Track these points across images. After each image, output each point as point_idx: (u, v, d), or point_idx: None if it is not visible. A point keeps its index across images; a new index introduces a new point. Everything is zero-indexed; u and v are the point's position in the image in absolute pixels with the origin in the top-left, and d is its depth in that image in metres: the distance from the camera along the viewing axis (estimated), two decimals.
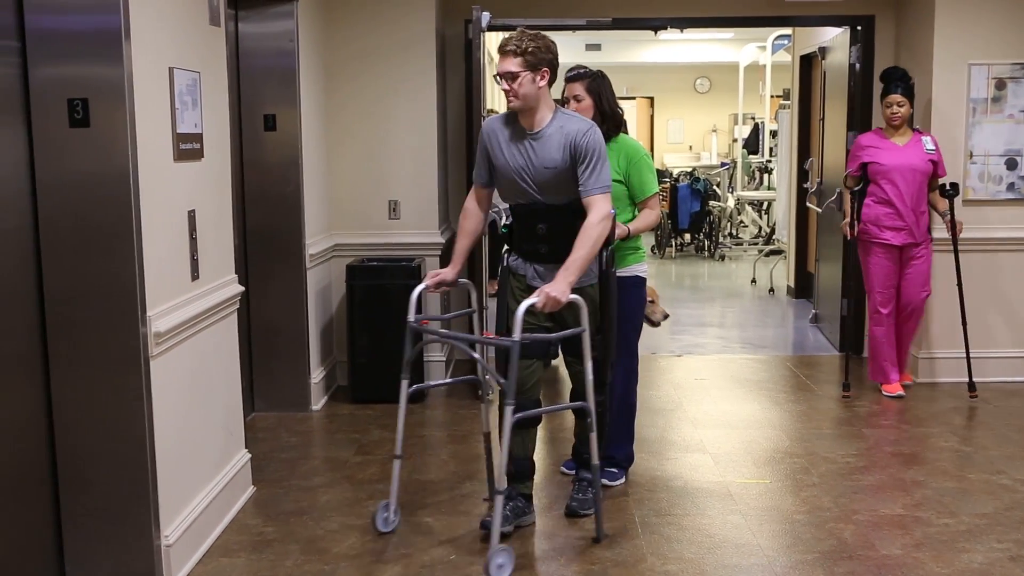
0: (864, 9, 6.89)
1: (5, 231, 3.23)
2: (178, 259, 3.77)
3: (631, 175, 4.42)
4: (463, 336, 4.22)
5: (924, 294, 6.10)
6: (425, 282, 4.13)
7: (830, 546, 3.97)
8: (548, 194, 3.95)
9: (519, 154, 3.95)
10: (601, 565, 3.82)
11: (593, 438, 4.01)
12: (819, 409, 5.91)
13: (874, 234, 6.04)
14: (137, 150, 3.35)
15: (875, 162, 5.99)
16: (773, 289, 10.14)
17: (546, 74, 3.88)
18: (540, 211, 3.99)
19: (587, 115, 4.27)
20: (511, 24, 6.69)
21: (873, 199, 6.03)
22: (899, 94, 5.92)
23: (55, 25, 3.26)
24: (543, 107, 3.92)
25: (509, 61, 3.85)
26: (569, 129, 3.88)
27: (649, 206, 4.48)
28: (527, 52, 3.83)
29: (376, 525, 4.08)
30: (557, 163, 3.88)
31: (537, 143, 3.92)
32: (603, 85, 4.42)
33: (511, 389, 3.64)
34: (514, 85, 3.85)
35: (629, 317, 4.48)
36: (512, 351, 3.63)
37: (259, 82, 5.58)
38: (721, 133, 19.42)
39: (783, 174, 10.77)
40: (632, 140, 4.52)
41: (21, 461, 3.32)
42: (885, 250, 6.03)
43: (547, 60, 3.87)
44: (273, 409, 5.80)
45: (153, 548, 3.52)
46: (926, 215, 6.02)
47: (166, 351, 3.60)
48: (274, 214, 5.65)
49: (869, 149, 6.03)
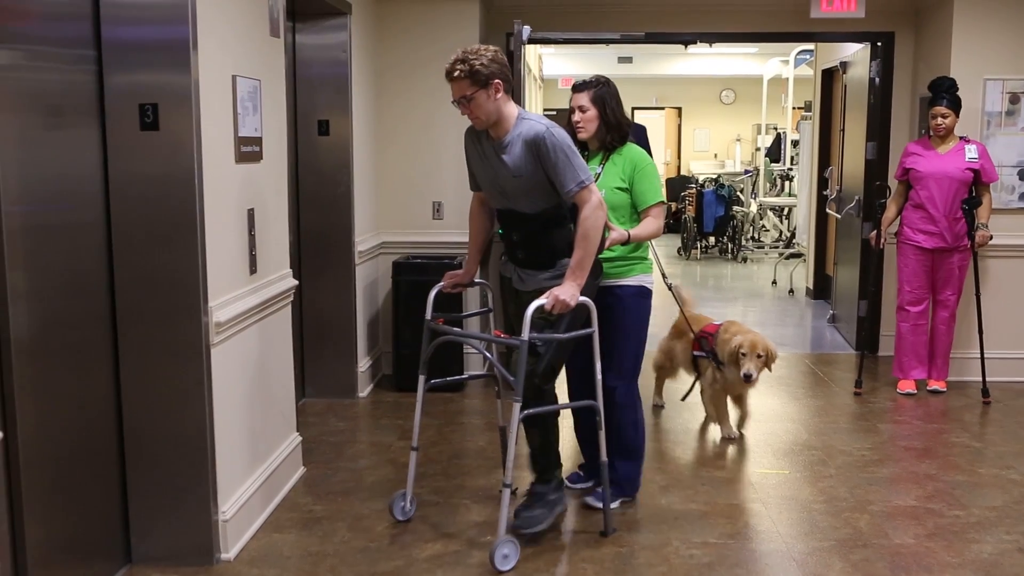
0: (884, 26, 6.82)
1: (80, 226, 3.26)
2: (238, 254, 3.80)
3: (634, 183, 4.09)
4: (475, 335, 4.02)
5: (953, 297, 6.01)
6: (442, 282, 4.03)
7: (846, 534, 3.94)
8: (520, 202, 3.72)
9: (490, 165, 3.74)
10: (629, 547, 3.81)
11: (601, 435, 3.88)
12: (836, 404, 5.86)
13: (908, 236, 5.99)
14: (202, 152, 3.38)
15: (914, 168, 5.94)
16: (793, 290, 10.06)
17: (499, 86, 3.58)
18: (515, 218, 3.78)
19: (591, 126, 4.08)
20: (550, 37, 6.70)
21: (911, 203, 5.99)
22: (944, 106, 5.81)
23: (129, 36, 3.30)
24: (505, 117, 3.65)
25: (458, 86, 3.57)
26: (527, 135, 3.60)
27: (652, 215, 4.11)
28: (473, 72, 3.53)
29: (393, 513, 4.02)
30: (523, 171, 3.62)
31: (503, 153, 3.67)
32: (608, 95, 4.12)
33: (519, 387, 3.53)
34: (472, 107, 3.60)
35: (628, 332, 4.12)
36: (520, 350, 3.52)
37: (314, 90, 5.61)
38: (745, 142, 19.27)
39: (804, 181, 10.69)
40: (638, 149, 4.18)
41: (91, 440, 3.36)
42: (917, 252, 5.97)
43: (495, 72, 3.57)
44: (323, 395, 5.83)
45: (211, 523, 3.56)
46: (962, 221, 5.88)
47: (225, 340, 3.63)
48: (326, 213, 5.68)
49: (912, 156, 5.98)
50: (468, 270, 4.09)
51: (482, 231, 4.11)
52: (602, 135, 4.11)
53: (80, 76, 3.24)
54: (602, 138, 4.12)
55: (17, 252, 2.86)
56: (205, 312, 3.44)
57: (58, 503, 3.14)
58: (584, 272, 3.62)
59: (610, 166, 4.10)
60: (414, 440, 4.04)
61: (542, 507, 3.89)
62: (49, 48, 3.09)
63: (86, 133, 3.28)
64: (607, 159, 4.13)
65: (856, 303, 7.11)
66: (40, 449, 3.01)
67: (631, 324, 4.13)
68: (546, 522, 3.88)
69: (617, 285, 4.09)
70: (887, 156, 6.88)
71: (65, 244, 3.16)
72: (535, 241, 3.76)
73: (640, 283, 4.15)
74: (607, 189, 4.04)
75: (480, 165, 3.82)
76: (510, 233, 3.85)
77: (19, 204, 2.87)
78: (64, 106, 3.16)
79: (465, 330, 4.02)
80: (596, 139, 4.14)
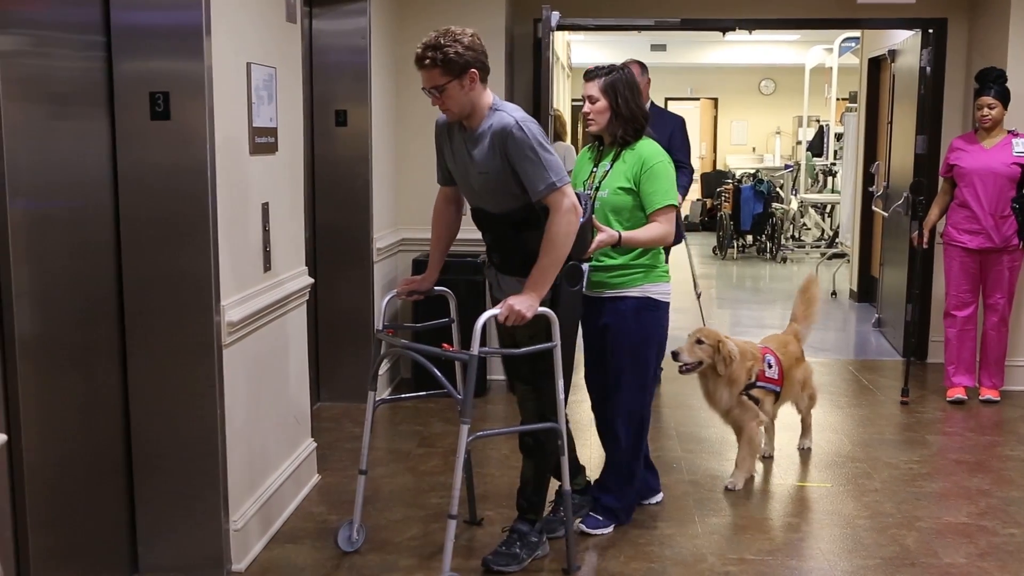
0: (936, 12, 6.76)
1: (87, 220, 3.28)
2: (251, 250, 3.81)
3: (641, 183, 3.84)
4: (422, 348, 3.60)
5: (1003, 301, 5.95)
6: (396, 289, 3.87)
7: (892, 552, 3.90)
8: (487, 201, 3.58)
9: (460, 157, 3.60)
10: (661, 564, 3.79)
11: (564, 461, 3.64)
12: (881, 414, 5.81)
13: (952, 237, 5.95)
14: (215, 143, 3.39)
15: (957, 165, 5.89)
16: (835, 292, 9.99)
17: (474, 75, 3.42)
18: (486, 218, 3.65)
19: (602, 118, 3.88)
20: (580, 23, 6.69)
21: (956, 202, 5.94)
22: (991, 96, 5.76)
23: (139, 20, 3.31)
24: (479, 107, 3.49)
25: (428, 75, 3.42)
26: (496, 128, 3.43)
27: (657, 219, 3.84)
28: (446, 61, 3.37)
29: (338, 543, 3.82)
30: (489, 168, 3.47)
31: (473, 146, 3.52)
32: (621, 83, 3.87)
33: (467, 405, 3.34)
34: (443, 98, 3.44)
35: (629, 357, 3.92)
36: (470, 364, 3.33)
37: (331, 78, 5.62)
38: (785, 135, 19.18)
39: (848, 177, 10.62)
40: (652, 145, 3.92)
41: (97, 444, 3.38)
42: (962, 253, 5.92)
43: (471, 60, 3.41)
44: (338, 399, 5.84)
45: (221, 532, 3.57)
46: (1011, 219, 5.81)
47: (238, 340, 3.64)
48: (343, 208, 5.69)
49: (956, 151, 5.94)
50: (428, 276, 3.89)
51: (446, 233, 3.92)
52: (614, 129, 3.91)
53: (89, 63, 3.26)
54: (614, 132, 3.92)
55: (21, 246, 2.88)
56: (217, 311, 3.45)
57: (62, 509, 3.16)
58: (546, 282, 3.45)
59: (619, 164, 3.91)
60: (362, 463, 3.83)
61: (522, 548, 3.73)
62: (57, 34, 3.12)
63: (94, 122, 3.29)
64: (619, 156, 3.93)
65: (903, 307, 7.05)
66: (44, 453, 3.03)
67: (632, 345, 3.91)
68: (521, 565, 3.70)
69: (616, 298, 3.91)
70: (937, 150, 6.81)
71: (71, 238, 3.19)
72: (507, 244, 3.63)
73: (644, 294, 3.90)
74: (609, 189, 3.89)
75: (451, 159, 3.67)
76: (484, 234, 3.72)
77: (25, 196, 2.89)
78: (72, 94, 3.18)
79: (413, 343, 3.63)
80: (608, 133, 3.95)
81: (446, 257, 3.97)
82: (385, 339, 3.72)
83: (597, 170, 3.99)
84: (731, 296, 10.28)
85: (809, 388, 5.02)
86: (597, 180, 3.95)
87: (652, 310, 3.93)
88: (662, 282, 3.95)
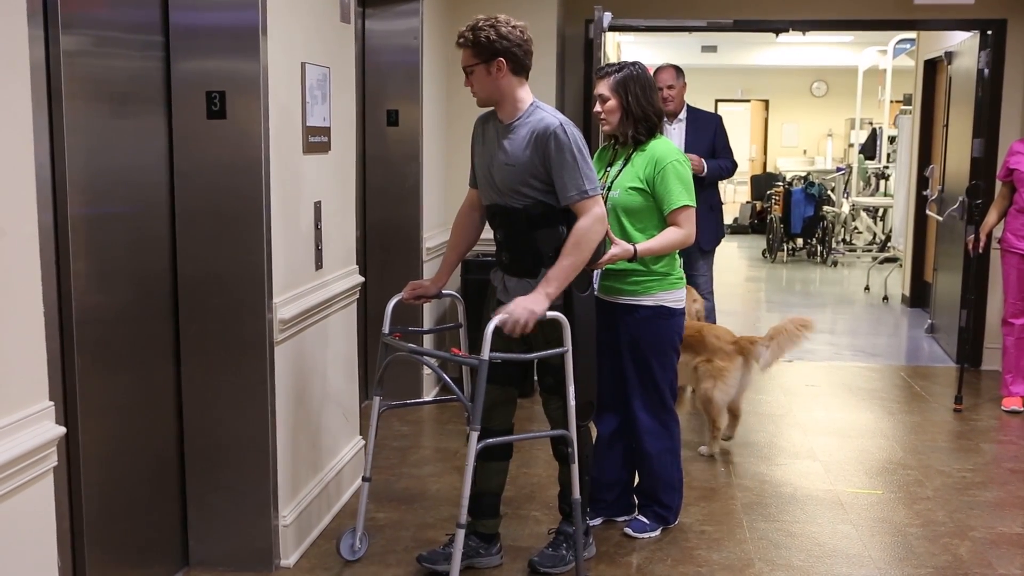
0: (995, 13, 6.65)
1: (144, 217, 3.33)
2: (304, 249, 3.84)
3: (655, 184, 3.78)
4: (430, 352, 3.66)
5: None
6: (403, 292, 3.80)
7: (944, 561, 3.85)
8: (506, 195, 3.51)
9: (489, 149, 3.57)
10: (708, 568, 3.77)
11: (574, 469, 3.53)
12: (934, 421, 5.73)
13: (1011, 243, 5.85)
14: (270, 142, 3.43)
15: (1018, 169, 5.79)
16: (887, 297, 9.87)
17: (502, 64, 3.39)
18: (499, 214, 3.57)
19: (613, 118, 3.83)
20: (632, 24, 6.66)
21: (1015, 207, 5.84)
22: None
23: (197, 21, 3.36)
24: (512, 99, 3.47)
25: (463, 54, 3.46)
26: (538, 126, 3.41)
27: (677, 222, 3.78)
28: (476, 43, 3.39)
29: (340, 552, 3.73)
30: (518, 160, 3.43)
31: (506, 138, 3.49)
32: (632, 80, 3.81)
33: (476, 413, 3.22)
34: (471, 80, 3.48)
35: (647, 359, 3.90)
36: (479, 370, 3.22)
37: (383, 78, 5.65)
38: (837, 138, 18.99)
39: (901, 180, 10.49)
40: (666, 144, 3.87)
41: (151, 439, 3.43)
42: (1021, 261, 5.82)
43: (502, 49, 3.38)
44: (386, 397, 5.83)
45: (271, 528, 3.61)
46: None
47: (290, 337, 3.68)
48: (393, 208, 5.72)
49: (1016, 155, 5.84)
50: (437, 280, 3.84)
51: (465, 239, 3.87)
52: (625, 128, 3.84)
53: (147, 63, 3.31)
54: (626, 132, 3.85)
55: (80, 243, 2.93)
56: (269, 308, 3.49)
57: (117, 503, 3.21)
58: (561, 283, 3.37)
59: (631, 163, 3.86)
60: (366, 470, 3.74)
61: (568, 549, 3.70)
62: (116, 34, 3.17)
63: (152, 121, 3.34)
64: (631, 156, 3.88)
65: (957, 312, 6.95)
66: (100, 447, 3.08)
67: (649, 354, 3.90)
68: (568, 566, 3.67)
69: (630, 305, 3.88)
70: (995, 154, 6.71)
71: (128, 235, 3.24)
72: (520, 241, 3.53)
73: (659, 303, 3.86)
74: (621, 189, 3.84)
75: (480, 149, 3.65)
76: (495, 232, 3.64)
77: (84, 193, 2.94)
78: (130, 94, 3.23)
79: (423, 347, 3.57)
80: (621, 133, 3.88)
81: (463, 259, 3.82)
82: (391, 343, 3.65)
83: (610, 170, 3.94)
84: (780, 299, 10.19)
85: (704, 385, 4.89)
86: (609, 180, 3.90)
87: (667, 318, 3.89)
88: (676, 289, 3.91)
